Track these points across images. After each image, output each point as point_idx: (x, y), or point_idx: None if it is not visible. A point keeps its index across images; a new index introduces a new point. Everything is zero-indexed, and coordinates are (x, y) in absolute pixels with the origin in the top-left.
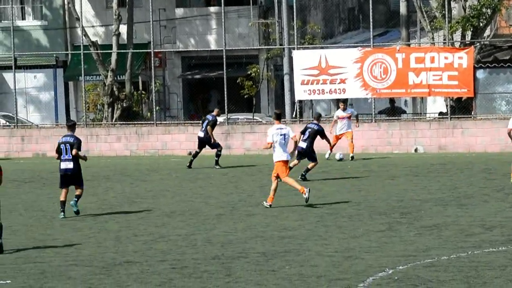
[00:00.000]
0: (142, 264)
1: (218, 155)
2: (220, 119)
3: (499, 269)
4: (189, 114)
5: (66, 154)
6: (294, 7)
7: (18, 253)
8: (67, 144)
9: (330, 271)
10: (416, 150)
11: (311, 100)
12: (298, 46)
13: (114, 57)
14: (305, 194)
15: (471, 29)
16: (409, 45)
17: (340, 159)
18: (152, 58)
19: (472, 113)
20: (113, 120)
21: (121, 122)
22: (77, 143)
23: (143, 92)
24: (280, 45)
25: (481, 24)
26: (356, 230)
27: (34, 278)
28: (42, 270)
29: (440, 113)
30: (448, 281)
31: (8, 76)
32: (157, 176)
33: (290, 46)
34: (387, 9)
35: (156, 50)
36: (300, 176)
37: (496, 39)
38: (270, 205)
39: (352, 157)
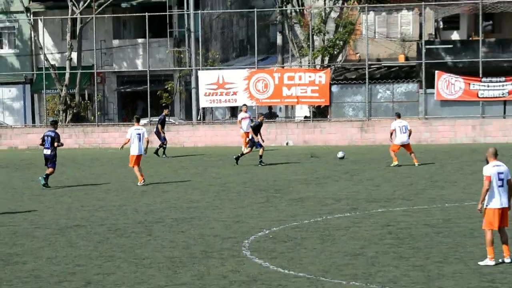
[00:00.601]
0: (87, 227)
1: (160, 146)
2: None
3: (344, 230)
4: (122, 118)
5: (47, 144)
6: (200, 39)
7: None
8: (49, 137)
9: (223, 231)
10: (287, 143)
11: (211, 107)
12: (202, 67)
13: (67, 76)
14: (141, 182)
15: (328, 56)
16: (283, 67)
17: (342, 157)
18: (95, 77)
19: (328, 117)
20: (66, 122)
21: (72, 124)
22: (57, 137)
23: (88, 101)
24: (189, 66)
25: (335, 52)
26: (242, 202)
27: (8, 236)
28: (14, 231)
29: (305, 117)
30: (308, 238)
31: None
32: (98, 163)
33: (196, 68)
34: (267, 40)
35: (98, 71)
36: (259, 163)
37: (346, 63)
38: (144, 182)
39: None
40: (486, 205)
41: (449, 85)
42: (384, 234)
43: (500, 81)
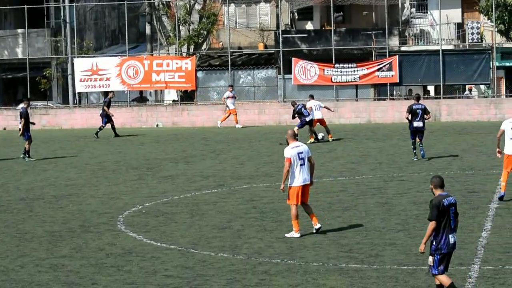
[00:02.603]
0: None
1: (100, 129)
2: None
3: (212, 204)
4: (3, 102)
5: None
6: (75, 29)
7: None
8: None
9: (100, 207)
10: (157, 125)
11: (86, 92)
12: (78, 55)
13: None
14: None
15: (193, 44)
16: (152, 55)
17: (322, 138)
18: None
19: (195, 100)
20: None
21: None
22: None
23: None
24: (66, 54)
25: (200, 41)
26: (117, 179)
27: None
28: None
29: (173, 100)
30: (178, 213)
31: None
32: None
33: (72, 55)
34: (137, 30)
35: None
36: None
37: (210, 51)
38: None
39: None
40: (290, 184)
41: (305, 71)
42: (249, 208)
43: (351, 67)
